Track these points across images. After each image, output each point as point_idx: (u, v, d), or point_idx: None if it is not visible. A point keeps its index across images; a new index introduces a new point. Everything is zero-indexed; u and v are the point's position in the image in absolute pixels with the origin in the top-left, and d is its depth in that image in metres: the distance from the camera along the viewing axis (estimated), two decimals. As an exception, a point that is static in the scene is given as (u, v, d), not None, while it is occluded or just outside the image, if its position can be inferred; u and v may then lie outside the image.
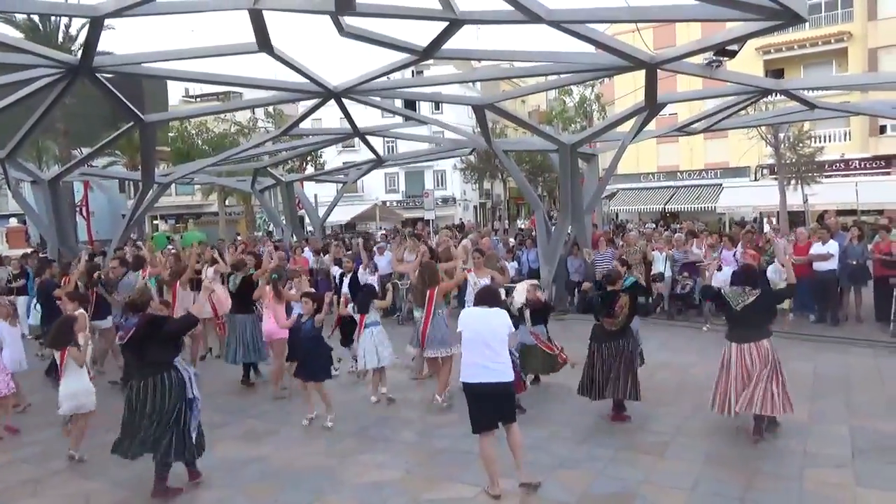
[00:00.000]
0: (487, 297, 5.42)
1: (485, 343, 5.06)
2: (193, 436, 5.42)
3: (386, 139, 38.39)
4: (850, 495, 4.98)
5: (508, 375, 5.11)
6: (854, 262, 10.91)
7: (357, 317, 8.01)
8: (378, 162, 17.95)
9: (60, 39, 24.66)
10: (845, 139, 28.95)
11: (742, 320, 6.11)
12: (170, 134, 33.09)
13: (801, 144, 24.12)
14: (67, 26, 25.21)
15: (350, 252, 13.92)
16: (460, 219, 39.89)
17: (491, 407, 5.07)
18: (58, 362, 6.55)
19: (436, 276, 7.79)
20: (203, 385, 7.62)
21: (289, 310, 8.26)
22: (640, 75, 9.85)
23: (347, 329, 8.72)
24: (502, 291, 9.17)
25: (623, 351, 6.55)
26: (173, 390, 5.21)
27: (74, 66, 9.24)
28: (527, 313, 7.47)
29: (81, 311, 7.10)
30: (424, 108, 39.50)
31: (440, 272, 8.03)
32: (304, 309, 7.20)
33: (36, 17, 23.97)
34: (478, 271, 8.36)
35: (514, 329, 5.43)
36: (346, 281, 10.05)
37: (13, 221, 26.12)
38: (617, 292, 6.68)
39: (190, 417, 5.38)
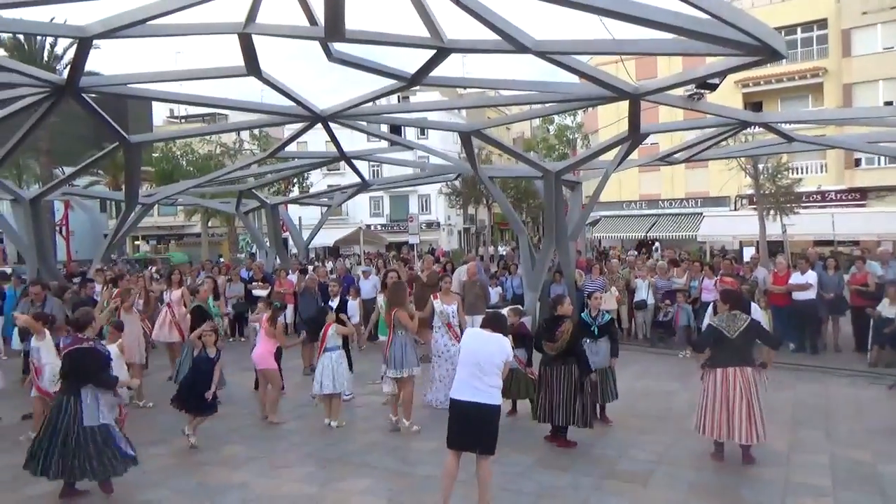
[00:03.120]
0: (492, 322, 5.46)
1: (476, 363, 5.10)
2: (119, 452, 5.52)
3: (371, 163, 38.57)
4: (832, 525, 5.01)
5: (493, 399, 5.08)
6: (832, 294, 11.08)
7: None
8: (363, 186, 18.00)
9: (45, 58, 24.62)
10: (822, 171, 29.61)
11: (735, 346, 6.11)
12: (154, 154, 32.97)
13: (779, 176, 24.57)
14: (53, 45, 25.19)
15: (334, 277, 13.84)
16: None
17: (469, 428, 5.06)
18: None
19: (397, 297, 7.67)
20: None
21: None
22: (623, 105, 10.01)
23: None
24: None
25: (569, 376, 6.58)
26: (88, 410, 5.40)
27: (60, 85, 9.15)
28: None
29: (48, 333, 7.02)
30: (410, 133, 39.72)
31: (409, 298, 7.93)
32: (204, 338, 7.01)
33: (21, 36, 23.92)
34: (444, 297, 8.36)
35: (511, 357, 5.42)
36: (334, 305, 9.93)
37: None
38: (561, 317, 6.73)
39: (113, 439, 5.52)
